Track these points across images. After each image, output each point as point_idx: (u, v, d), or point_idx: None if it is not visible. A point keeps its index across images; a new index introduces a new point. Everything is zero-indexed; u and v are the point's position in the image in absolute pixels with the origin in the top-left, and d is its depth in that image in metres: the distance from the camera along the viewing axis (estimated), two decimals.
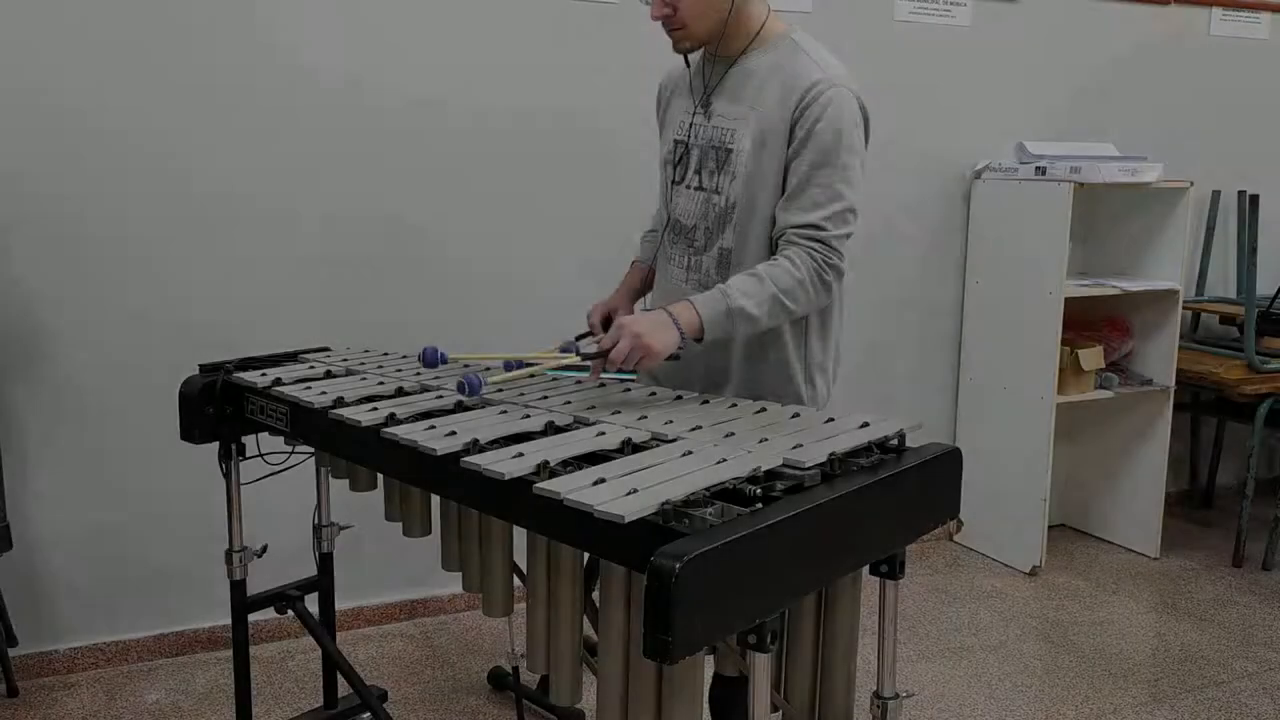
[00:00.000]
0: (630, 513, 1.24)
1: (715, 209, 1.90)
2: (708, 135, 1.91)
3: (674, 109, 2.03)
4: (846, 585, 1.53)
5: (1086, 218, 3.91)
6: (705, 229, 1.93)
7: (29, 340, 2.70)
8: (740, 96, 1.88)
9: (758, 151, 1.84)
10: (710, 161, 1.91)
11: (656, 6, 1.83)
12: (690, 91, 1.98)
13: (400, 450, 1.63)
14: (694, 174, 1.94)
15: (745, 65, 1.89)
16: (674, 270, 2.01)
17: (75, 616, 2.83)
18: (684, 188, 1.96)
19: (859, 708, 1.63)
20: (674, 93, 2.05)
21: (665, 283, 2.04)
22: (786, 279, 1.77)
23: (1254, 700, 2.80)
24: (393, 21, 2.91)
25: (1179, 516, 4.20)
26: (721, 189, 1.89)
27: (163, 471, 2.85)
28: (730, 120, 1.88)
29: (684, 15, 1.82)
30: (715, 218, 1.91)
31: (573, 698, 1.56)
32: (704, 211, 1.92)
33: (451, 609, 3.24)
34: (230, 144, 2.80)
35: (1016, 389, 3.60)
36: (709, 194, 1.91)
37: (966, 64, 3.66)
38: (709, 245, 1.92)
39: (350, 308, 2.98)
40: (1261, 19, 4.15)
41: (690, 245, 1.96)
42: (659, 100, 2.12)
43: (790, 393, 1.94)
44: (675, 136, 1.99)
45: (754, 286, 1.76)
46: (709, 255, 1.92)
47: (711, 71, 1.94)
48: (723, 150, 1.88)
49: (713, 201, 1.91)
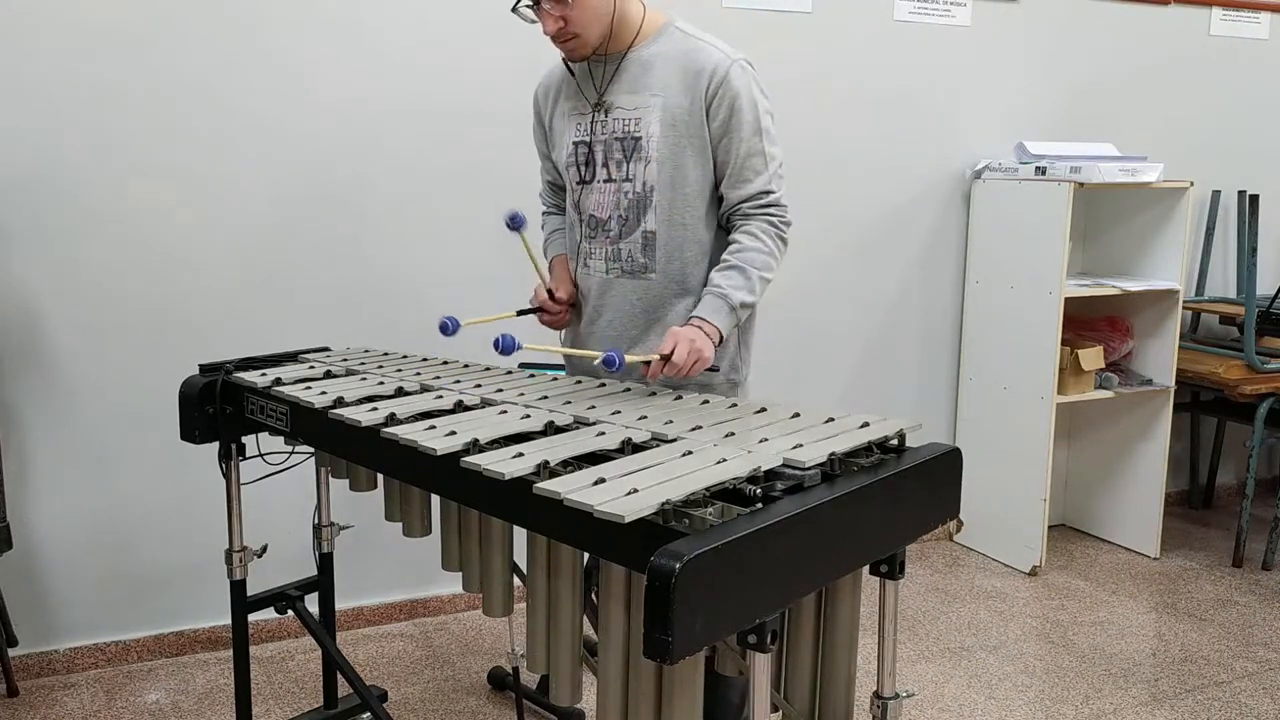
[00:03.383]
0: (630, 513, 1.24)
1: (628, 197, 1.98)
2: (610, 129, 1.98)
3: (562, 115, 2.08)
4: (846, 585, 1.53)
5: (1086, 218, 3.91)
6: (619, 217, 2.00)
7: (29, 340, 2.70)
8: (639, 86, 1.96)
9: (669, 134, 1.93)
10: (617, 153, 1.98)
11: (548, 21, 1.90)
12: (579, 94, 2.03)
13: (400, 450, 1.63)
14: (602, 168, 2.01)
15: (637, 57, 1.97)
16: (595, 264, 2.06)
17: (75, 616, 2.84)
18: (594, 184, 2.03)
19: (859, 708, 1.63)
20: (557, 99, 2.10)
21: (589, 278, 2.09)
22: (760, 257, 1.94)
23: (1254, 700, 2.80)
24: (392, 26, 2.91)
25: (1179, 516, 4.21)
26: (634, 176, 1.97)
27: (163, 471, 2.86)
28: (632, 110, 1.96)
29: (574, 25, 1.89)
30: (629, 205, 1.98)
31: (573, 698, 1.56)
32: (616, 201, 2.00)
33: (451, 609, 3.24)
34: (230, 144, 2.80)
35: (1016, 389, 3.60)
36: (619, 183, 1.99)
37: (966, 64, 3.66)
38: (626, 233, 2.00)
39: (350, 308, 2.98)
40: (1261, 19, 4.15)
41: (607, 236, 2.03)
42: (538, 111, 2.17)
43: (725, 356, 2.03)
44: (574, 139, 2.04)
45: (741, 279, 1.92)
46: (630, 241, 2.00)
47: (602, 71, 2.00)
48: (629, 139, 1.96)
49: (624, 190, 1.98)
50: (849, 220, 3.58)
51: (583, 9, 1.88)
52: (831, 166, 3.50)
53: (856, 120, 3.53)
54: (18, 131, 2.61)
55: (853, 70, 3.49)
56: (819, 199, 3.49)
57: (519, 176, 3.09)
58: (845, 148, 3.54)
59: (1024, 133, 3.74)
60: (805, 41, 3.40)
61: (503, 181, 3.08)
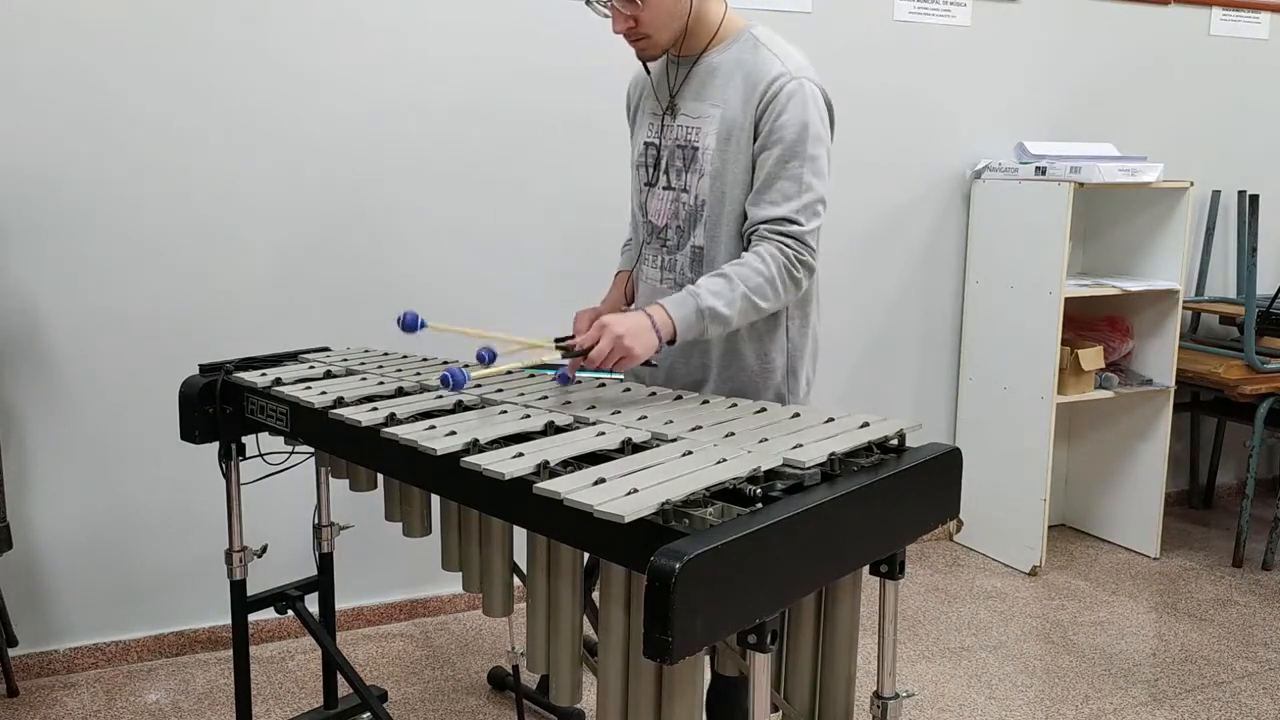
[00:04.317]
0: (630, 513, 1.24)
1: (685, 208, 1.92)
2: (674, 135, 1.93)
3: (643, 112, 2.05)
4: (846, 585, 1.53)
5: (1086, 218, 3.91)
6: (677, 228, 1.95)
7: (29, 340, 2.70)
8: (704, 94, 1.89)
9: (723, 148, 1.86)
10: (678, 161, 1.92)
11: (618, 20, 1.83)
12: (655, 95, 2.00)
13: (400, 450, 1.63)
14: (664, 174, 1.96)
15: (708, 63, 1.90)
16: (650, 271, 2.03)
17: (75, 616, 2.84)
18: (657, 189, 1.98)
19: (859, 708, 1.63)
20: (643, 95, 2.06)
21: (643, 284, 2.06)
22: (755, 278, 1.79)
23: (1254, 700, 2.80)
24: (393, 27, 2.91)
25: (1179, 516, 4.21)
26: (690, 187, 1.91)
27: (163, 471, 2.85)
28: (695, 119, 1.90)
29: (646, 26, 1.82)
30: (686, 216, 1.93)
31: (573, 698, 1.56)
32: (674, 211, 1.94)
33: (451, 609, 3.24)
34: (230, 144, 2.80)
35: (1016, 389, 3.60)
36: (678, 193, 1.93)
37: (966, 64, 3.66)
38: (681, 244, 1.94)
39: (350, 308, 2.98)
40: (1261, 19, 4.15)
41: (664, 245, 1.98)
42: (628, 105, 2.13)
43: (771, 387, 1.96)
44: (645, 139, 2.01)
45: (723, 286, 1.77)
46: (682, 254, 1.94)
47: (676, 72, 1.95)
48: (689, 149, 1.90)
49: (682, 200, 1.93)
50: (849, 220, 3.58)
51: (655, 10, 1.80)
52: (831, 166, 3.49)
53: (856, 120, 3.53)
54: (18, 131, 2.61)
55: (853, 70, 3.48)
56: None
57: (519, 176, 3.10)
58: (845, 148, 3.52)
59: (1024, 133, 3.74)
60: (805, 41, 3.33)
61: (503, 182, 3.08)
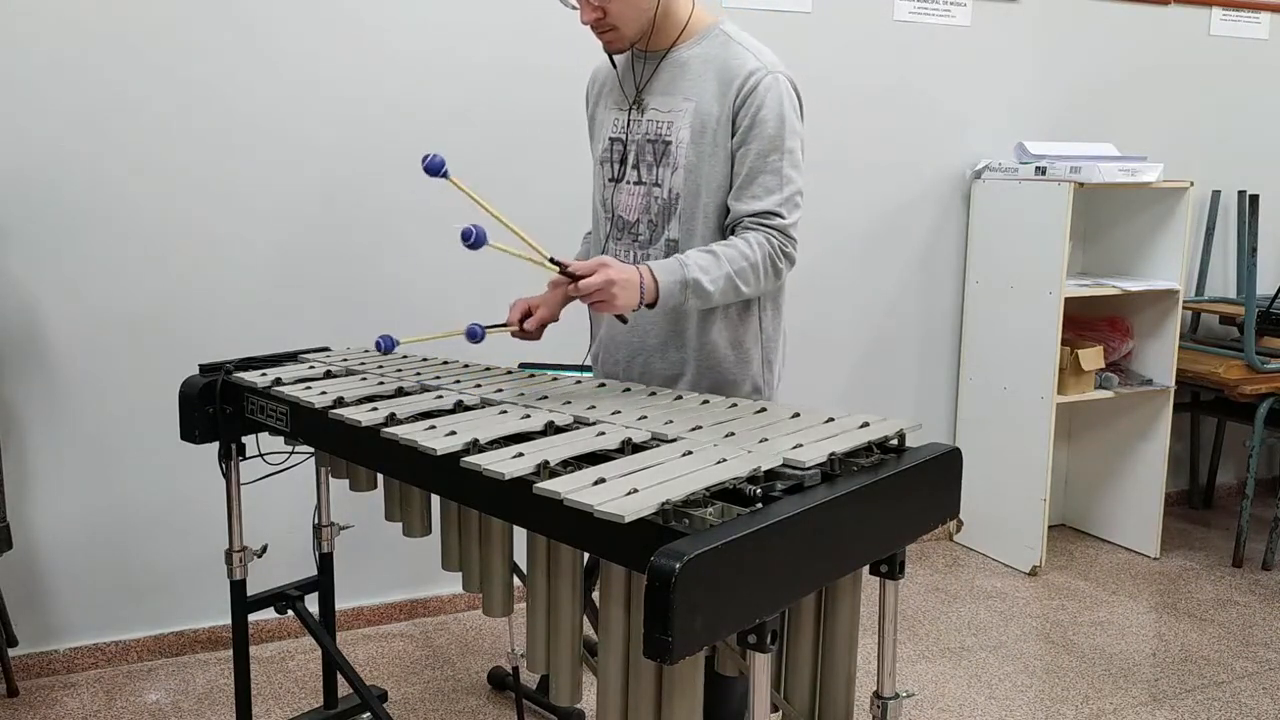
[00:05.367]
0: (630, 513, 1.24)
1: (658, 202, 1.92)
2: (643, 130, 1.93)
3: (604, 107, 2.04)
4: (846, 585, 1.53)
5: (1086, 218, 3.91)
6: (649, 222, 1.95)
7: (29, 340, 2.70)
8: (674, 89, 1.90)
9: (697, 141, 1.86)
10: (648, 155, 1.93)
11: (586, 11, 1.84)
12: (621, 89, 1.99)
13: (400, 450, 1.63)
14: (633, 169, 1.95)
15: (677, 57, 1.91)
16: None
17: (75, 616, 2.84)
18: (624, 184, 1.98)
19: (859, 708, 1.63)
20: (603, 91, 2.06)
21: None
22: (741, 261, 1.81)
23: (1254, 700, 2.80)
24: (392, 27, 2.91)
25: (1179, 516, 4.21)
26: (662, 181, 1.91)
27: (163, 471, 2.86)
28: (665, 113, 1.90)
29: (614, 18, 1.83)
30: (659, 210, 1.93)
31: (573, 698, 1.55)
32: (645, 205, 1.94)
33: (451, 609, 3.24)
34: (230, 144, 2.80)
35: (1016, 389, 3.60)
36: (649, 187, 1.93)
37: (966, 64, 3.66)
38: (654, 238, 1.94)
39: (350, 308, 2.98)
40: (1261, 19, 4.15)
41: (635, 240, 1.97)
42: (588, 99, 2.12)
43: (748, 378, 1.98)
44: (610, 135, 2.00)
45: (710, 263, 1.79)
46: (655, 248, 1.94)
47: (642, 67, 1.95)
48: (660, 143, 1.90)
49: (654, 194, 1.93)
50: (849, 220, 3.58)
51: (623, 2, 1.81)
52: (831, 166, 3.49)
53: (856, 120, 3.53)
54: (17, 131, 2.61)
55: (853, 70, 3.48)
56: (819, 199, 3.47)
57: (519, 176, 3.10)
58: (845, 148, 3.54)
59: (1024, 133, 3.74)
60: (805, 41, 3.40)
61: (503, 182, 3.08)
